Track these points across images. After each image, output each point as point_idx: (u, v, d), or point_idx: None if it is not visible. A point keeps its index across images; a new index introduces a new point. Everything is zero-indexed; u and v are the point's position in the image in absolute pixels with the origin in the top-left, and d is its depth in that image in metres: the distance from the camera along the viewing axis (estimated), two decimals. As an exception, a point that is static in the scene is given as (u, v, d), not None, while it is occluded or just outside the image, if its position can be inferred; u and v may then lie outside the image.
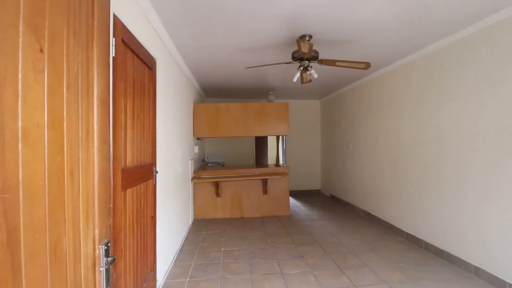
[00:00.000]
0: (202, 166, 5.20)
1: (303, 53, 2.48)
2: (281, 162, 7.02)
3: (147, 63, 2.13)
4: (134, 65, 1.90)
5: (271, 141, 7.86)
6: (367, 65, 2.63)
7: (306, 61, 2.72)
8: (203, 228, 3.89)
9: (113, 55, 1.52)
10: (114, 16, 1.53)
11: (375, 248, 3.14)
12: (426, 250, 3.08)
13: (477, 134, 2.47)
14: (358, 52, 3.08)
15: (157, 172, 2.22)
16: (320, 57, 3.01)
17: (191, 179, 4.02)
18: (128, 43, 1.75)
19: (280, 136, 7.00)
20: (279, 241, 3.39)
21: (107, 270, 0.82)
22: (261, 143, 7.26)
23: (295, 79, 2.86)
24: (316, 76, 2.77)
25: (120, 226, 1.59)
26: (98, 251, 0.80)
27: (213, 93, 5.65)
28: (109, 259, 0.83)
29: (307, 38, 2.65)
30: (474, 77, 2.50)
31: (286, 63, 2.87)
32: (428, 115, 3.09)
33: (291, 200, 5.81)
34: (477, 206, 2.48)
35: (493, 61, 2.32)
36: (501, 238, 2.27)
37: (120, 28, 1.62)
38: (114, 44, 1.53)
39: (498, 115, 2.28)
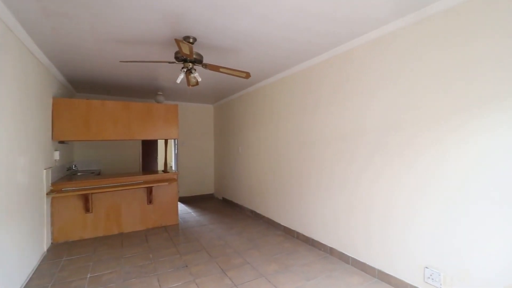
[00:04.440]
0: (68, 176, 4.23)
1: (185, 55, 2.39)
2: (173, 167, 6.64)
3: (-45, 35, 1.52)
4: None
5: (162, 145, 7.32)
6: (247, 75, 2.81)
7: (190, 63, 2.65)
8: (64, 254, 3.13)
9: None
10: None
11: (257, 245, 3.38)
12: (297, 239, 3.56)
13: (331, 140, 3.07)
14: (242, 63, 3.26)
15: (-29, 189, 1.60)
16: (205, 61, 3.01)
17: (47, 193, 3.18)
18: None
19: (172, 140, 6.62)
20: (162, 254, 3.13)
21: None
22: (150, 147, 6.65)
23: (178, 80, 2.74)
24: (199, 79, 2.74)
25: None
26: None
27: (86, 87, 4.74)
28: None
29: (191, 40, 2.58)
30: (326, 93, 3.10)
31: (169, 63, 2.71)
32: (294, 123, 3.61)
33: (182, 207, 5.57)
34: (330, 198, 3.07)
35: (336, 82, 2.95)
36: (345, 222, 2.88)
37: None
38: None
39: (342, 127, 2.91)
